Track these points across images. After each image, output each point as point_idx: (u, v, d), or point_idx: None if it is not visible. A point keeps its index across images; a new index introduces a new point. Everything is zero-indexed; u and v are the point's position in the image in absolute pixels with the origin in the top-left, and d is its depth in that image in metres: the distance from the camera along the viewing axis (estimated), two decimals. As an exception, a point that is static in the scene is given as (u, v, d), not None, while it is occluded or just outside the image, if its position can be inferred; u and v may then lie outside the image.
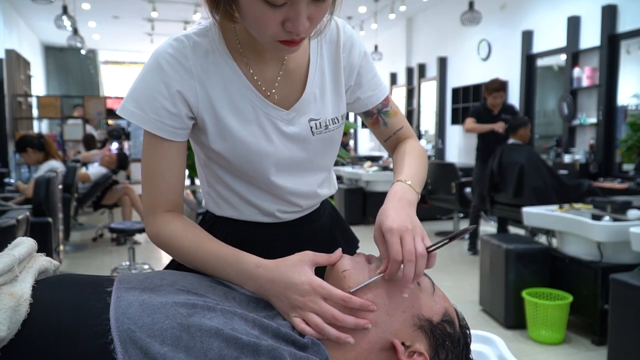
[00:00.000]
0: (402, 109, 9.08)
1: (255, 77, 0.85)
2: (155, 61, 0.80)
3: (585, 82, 5.08)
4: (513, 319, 2.85)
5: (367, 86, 0.95)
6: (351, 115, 8.99)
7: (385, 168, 6.18)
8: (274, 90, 0.86)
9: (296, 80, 0.88)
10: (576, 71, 5.17)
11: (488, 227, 5.56)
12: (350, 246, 1.08)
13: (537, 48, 5.86)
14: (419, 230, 0.75)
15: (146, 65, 0.82)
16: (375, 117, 0.98)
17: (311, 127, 0.88)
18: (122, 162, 5.46)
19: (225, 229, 0.95)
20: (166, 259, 4.53)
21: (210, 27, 0.83)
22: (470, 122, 4.48)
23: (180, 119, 0.82)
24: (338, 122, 0.92)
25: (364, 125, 10.38)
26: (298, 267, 0.73)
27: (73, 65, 11.38)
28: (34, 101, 7.96)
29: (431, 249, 0.74)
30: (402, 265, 0.72)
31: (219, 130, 0.84)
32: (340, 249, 0.79)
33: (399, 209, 0.77)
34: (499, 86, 4.40)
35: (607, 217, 2.62)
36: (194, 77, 0.82)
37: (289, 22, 0.71)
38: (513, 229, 4.81)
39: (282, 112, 0.86)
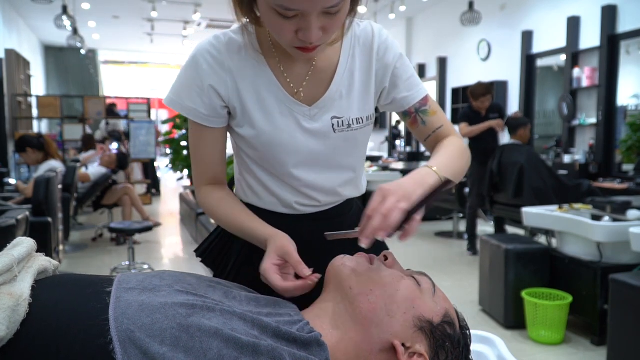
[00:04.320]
0: (402, 109, 9.07)
1: (285, 74, 0.90)
2: (193, 56, 0.90)
3: (585, 83, 5.08)
4: (513, 319, 2.85)
5: (402, 87, 0.97)
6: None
7: (385, 168, 6.18)
8: (301, 88, 0.91)
9: (324, 78, 0.92)
10: (576, 71, 5.17)
11: (487, 228, 5.56)
12: (377, 251, 1.07)
13: (537, 48, 5.86)
14: (409, 198, 0.75)
15: (187, 59, 0.92)
16: (414, 117, 0.99)
17: (333, 125, 0.91)
18: (121, 162, 5.46)
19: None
20: (166, 259, 4.53)
21: (247, 25, 0.88)
22: (464, 127, 4.45)
23: (214, 109, 0.91)
24: (363, 122, 0.94)
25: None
26: (269, 253, 0.84)
27: (73, 65, 11.37)
28: (33, 101, 7.95)
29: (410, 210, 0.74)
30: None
31: (245, 119, 0.92)
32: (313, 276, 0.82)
33: (404, 182, 0.78)
34: (485, 91, 4.34)
35: (606, 218, 2.62)
36: (225, 69, 0.89)
37: (301, 32, 0.75)
38: (511, 229, 4.81)
39: (305, 108, 0.91)
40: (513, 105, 6.19)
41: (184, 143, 6.01)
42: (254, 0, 0.78)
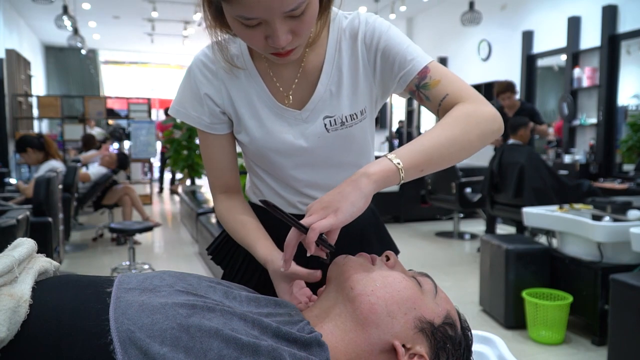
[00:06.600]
0: (402, 109, 9.07)
1: (275, 79, 0.91)
2: (190, 67, 0.94)
3: (585, 83, 5.08)
4: (513, 319, 2.85)
5: (397, 66, 0.87)
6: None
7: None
8: (290, 92, 0.90)
9: (312, 79, 0.90)
10: (576, 71, 5.17)
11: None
12: (379, 252, 1.05)
13: (537, 48, 5.86)
14: (338, 211, 0.72)
15: (185, 71, 0.95)
16: (418, 95, 0.88)
17: (325, 125, 0.90)
18: (122, 162, 5.46)
19: (259, 216, 1.00)
20: (167, 259, 4.53)
21: (220, 42, 0.88)
22: None
23: (215, 115, 0.94)
24: (357, 117, 0.91)
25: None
26: (276, 283, 0.86)
27: (73, 65, 11.37)
28: (34, 101, 7.96)
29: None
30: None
31: (241, 126, 0.94)
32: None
33: (339, 189, 0.74)
34: (501, 88, 4.37)
35: (607, 218, 2.62)
36: (218, 79, 0.92)
37: (270, 38, 0.74)
38: (509, 228, 4.80)
39: (295, 112, 0.91)
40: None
41: (183, 143, 6.01)
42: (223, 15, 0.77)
